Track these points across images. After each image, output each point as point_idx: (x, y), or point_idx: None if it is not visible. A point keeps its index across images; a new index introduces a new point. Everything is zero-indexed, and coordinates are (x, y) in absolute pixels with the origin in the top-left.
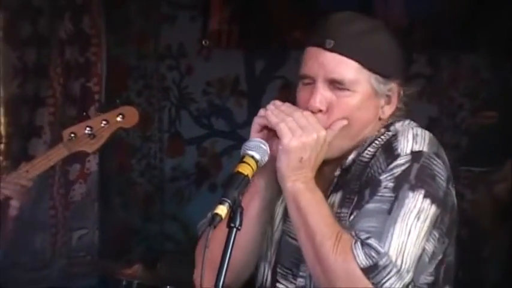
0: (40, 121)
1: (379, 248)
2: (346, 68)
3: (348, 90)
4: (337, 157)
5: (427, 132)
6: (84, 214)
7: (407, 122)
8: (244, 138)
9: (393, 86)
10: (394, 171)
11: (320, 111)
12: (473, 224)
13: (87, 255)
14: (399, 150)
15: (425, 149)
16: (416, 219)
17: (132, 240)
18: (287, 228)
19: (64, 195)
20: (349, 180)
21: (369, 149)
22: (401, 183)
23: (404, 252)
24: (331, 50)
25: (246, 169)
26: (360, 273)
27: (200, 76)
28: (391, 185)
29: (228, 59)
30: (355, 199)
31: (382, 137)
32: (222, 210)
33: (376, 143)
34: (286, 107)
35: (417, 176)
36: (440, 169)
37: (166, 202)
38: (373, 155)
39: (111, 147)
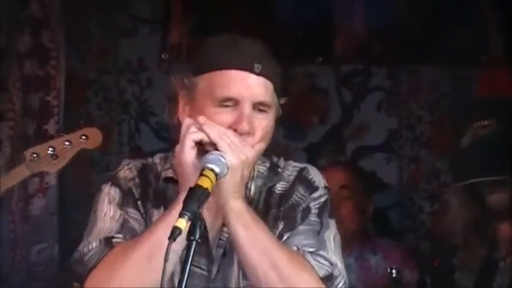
0: None
1: (330, 259)
2: (269, 91)
3: (267, 113)
4: None
5: None
6: (43, 228)
7: (282, 159)
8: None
9: (282, 102)
10: (319, 200)
11: (247, 133)
12: (444, 234)
13: (46, 270)
14: (317, 183)
15: (327, 184)
16: (334, 242)
17: None
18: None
19: (23, 209)
20: (261, 210)
21: (280, 183)
22: (323, 212)
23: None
24: (259, 74)
25: (205, 182)
26: (320, 282)
27: (160, 89)
28: (316, 211)
29: None
30: (282, 223)
31: (287, 171)
32: (182, 223)
33: (285, 177)
34: (218, 125)
35: (330, 207)
36: None
37: None
38: (290, 187)
39: (71, 160)
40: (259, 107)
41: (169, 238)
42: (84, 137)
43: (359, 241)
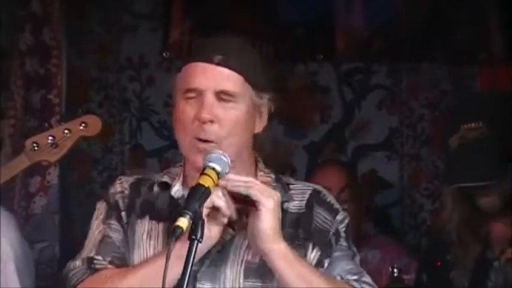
0: (0, 133)
1: (373, 284)
2: (233, 81)
3: (234, 102)
4: None
5: None
6: (44, 227)
7: (292, 179)
8: None
9: (265, 102)
10: (344, 223)
11: (211, 121)
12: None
13: (47, 268)
14: (336, 205)
15: None
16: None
17: None
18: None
19: (25, 207)
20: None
21: (292, 203)
22: (348, 235)
23: None
24: (219, 64)
25: (207, 181)
26: None
27: (161, 87)
28: (344, 235)
29: None
30: (315, 249)
31: (297, 190)
32: (183, 222)
33: (297, 197)
34: (236, 176)
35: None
36: None
37: None
38: (307, 208)
39: (72, 159)
40: (222, 96)
41: (169, 238)
42: (83, 125)
43: (359, 240)
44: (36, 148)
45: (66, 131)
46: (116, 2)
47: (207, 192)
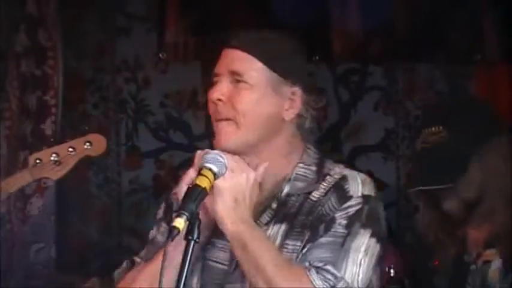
0: None
1: (336, 273)
2: (247, 63)
3: (247, 83)
4: (242, 152)
5: (369, 178)
6: (41, 228)
7: (342, 165)
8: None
9: (296, 90)
10: (348, 210)
11: (219, 100)
12: (420, 237)
13: (44, 269)
14: (351, 192)
15: (373, 194)
16: (365, 253)
17: (90, 254)
18: (207, 253)
19: (21, 209)
20: (292, 214)
21: (317, 191)
22: (353, 222)
23: (358, 279)
24: (235, 47)
25: (203, 182)
26: None
27: (157, 89)
28: (344, 222)
29: (185, 72)
30: (308, 233)
31: (329, 179)
32: (180, 223)
33: (324, 185)
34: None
35: (367, 216)
36: (382, 212)
37: (123, 215)
38: (324, 195)
39: (73, 167)
40: (236, 77)
41: (167, 238)
42: (88, 144)
43: None
44: (39, 164)
45: (70, 149)
46: (111, 3)
47: (203, 193)
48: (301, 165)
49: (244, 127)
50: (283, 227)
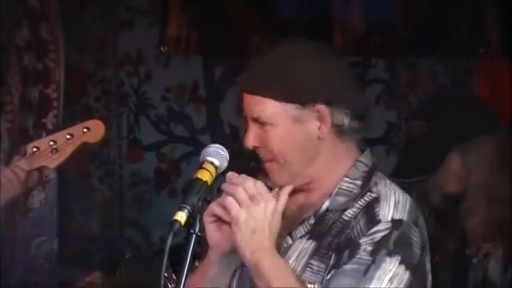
0: None
1: None
2: (263, 106)
3: (270, 124)
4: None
5: (408, 199)
6: (43, 221)
7: (388, 181)
8: (203, 144)
9: (320, 107)
10: (374, 236)
11: (254, 147)
12: None
13: (46, 263)
14: (380, 216)
15: (405, 218)
16: (389, 283)
17: (92, 247)
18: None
19: (23, 202)
20: (323, 233)
21: (352, 209)
22: (379, 248)
23: None
24: (247, 91)
25: (205, 175)
26: None
27: (159, 82)
28: (369, 248)
29: (187, 65)
30: (333, 258)
31: (365, 198)
32: (182, 216)
33: (359, 204)
34: (239, 178)
35: (395, 242)
36: (417, 237)
37: (125, 208)
38: (355, 216)
39: (71, 155)
40: (259, 121)
41: (169, 230)
42: (86, 130)
43: None
44: (36, 153)
45: (68, 136)
46: None
47: (205, 187)
48: (346, 179)
49: (286, 163)
50: (313, 245)
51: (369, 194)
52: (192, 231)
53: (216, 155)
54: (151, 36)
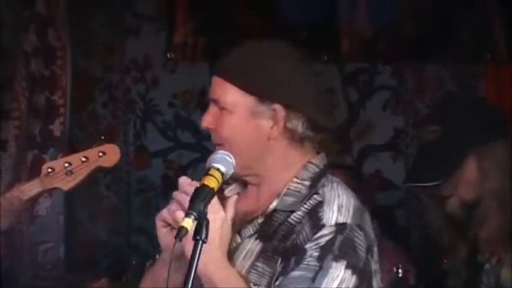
0: (5, 135)
1: None
2: (223, 89)
3: (226, 109)
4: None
5: (352, 202)
6: (49, 228)
7: (335, 184)
8: (210, 151)
9: (277, 107)
10: (319, 241)
11: (208, 128)
12: (431, 238)
13: (53, 270)
14: (324, 220)
15: (348, 221)
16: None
17: (99, 254)
18: None
19: (29, 209)
20: (269, 235)
21: (297, 213)
22: (325, 254)
23: None
24: (215, 74)
25: (211, 182)
26: None
27: (166, 88)
28: (316, 254)
29: (194, 72)
30: (280, 263)
31: (311, 201)
32: (188, 223)
33: (304, 208)
34: (190, 186)
35: (340, 247)
36: (361, 240)
37: (132, 214)
38: (300, 221)
39: (85, 178)
40: (218, 104)
41: (175, 237)
42: (101, 154)
43: None
44: (51, 173)
45: (83, 159)
46: (120, 3)
47: (211, 193)
48: (295, 179)
49: (232, 152)
50: (260, 246)
51: (315, 196)
52: (198, 237)
53: (223, 162)
54: (158, 42)
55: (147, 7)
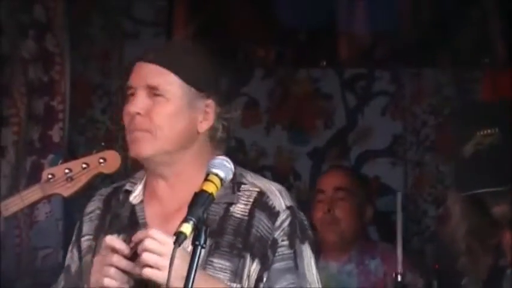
0: (4, 141)
1: None
2: (163, 77)
3: (163, 96)
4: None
5: (282, 186)
6: (48, 233)
7: (250, 173)
8: None
9: (210, 103)
10: (282, 226)
11: (138, 113)
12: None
13: (51, 275)
14: (277, 207)
15: (292, 204)
16: (313, 266)
17: None
18: None
19: (28, 214)
20: (216, 231)
21: (238, 205)
22: (293, 239)
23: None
24: (151, 62)
25: (210, 187)
26: None
27: None
28: (286, 243)
29: None
30: (251, 259)
31: (247, 192)
32: (187, 228)
33: (244, 200)
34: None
35: (300, 230)
36: (305, 219)
37: None
38: (249, 213)
39: (85, 184)
40: (153, 91)
41: (174, 243)
42: (102, 160)
43: (358, 245)
44: (51, 180)
45: (84, 165)
46: (118, 8)
47: (210, 199)
48: None
49: (160, 139)
50: (208, 241)
51: (247, 187)
52: (197, 243)
53: (221, 167)
54: (156, 47)
55: (145, 12)
